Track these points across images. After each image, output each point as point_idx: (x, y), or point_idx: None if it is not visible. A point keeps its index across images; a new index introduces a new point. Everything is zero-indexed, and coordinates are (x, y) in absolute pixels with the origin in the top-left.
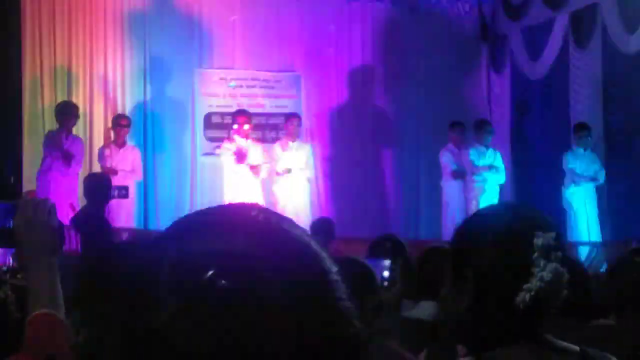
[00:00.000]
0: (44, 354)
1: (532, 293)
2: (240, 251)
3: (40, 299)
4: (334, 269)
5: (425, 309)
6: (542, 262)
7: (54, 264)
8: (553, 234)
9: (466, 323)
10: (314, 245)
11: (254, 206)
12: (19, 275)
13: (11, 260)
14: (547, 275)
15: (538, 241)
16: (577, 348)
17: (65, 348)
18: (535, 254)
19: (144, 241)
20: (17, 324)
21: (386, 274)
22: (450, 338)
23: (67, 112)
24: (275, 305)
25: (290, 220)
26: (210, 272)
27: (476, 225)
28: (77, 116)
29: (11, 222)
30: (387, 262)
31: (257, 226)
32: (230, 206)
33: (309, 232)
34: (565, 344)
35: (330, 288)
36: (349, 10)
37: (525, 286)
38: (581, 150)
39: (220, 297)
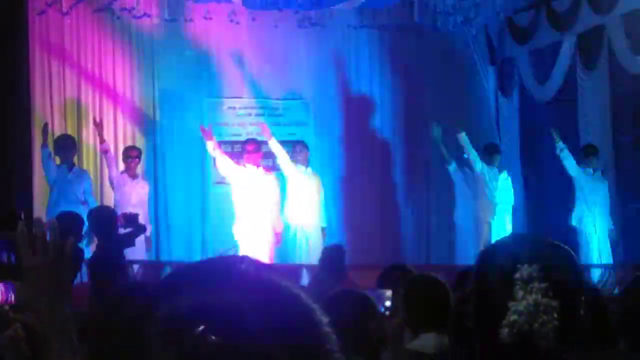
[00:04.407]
0: None
1: (513, 328)
2: (230, 305)
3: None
4: (325, 320)
5: (425, 341)
6: (520, 295)
7: (65, 310)
8: (536, 266)
9: (469, 357)
10: (304, 297)
11: (243, 259)
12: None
13: (13, 297)
14: (522, 307)
15: (517, 275)
16: None
17: None
18: (515, 288)
19: (141, 292)
20: None
21: (388, 303)
22: None
23: (66, 146)
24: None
25: (279, 272)
26: (201, 327)
27: (480, 258)
28: (75, 147)
29: (13, 256)
30: (388, 292)
31: (247, 280)
32: (221, 259)
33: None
34: None
35: (321, 341)
36: (356, 37)
37: (503, 322)
38: (590, 172)
39: (210, 353)
